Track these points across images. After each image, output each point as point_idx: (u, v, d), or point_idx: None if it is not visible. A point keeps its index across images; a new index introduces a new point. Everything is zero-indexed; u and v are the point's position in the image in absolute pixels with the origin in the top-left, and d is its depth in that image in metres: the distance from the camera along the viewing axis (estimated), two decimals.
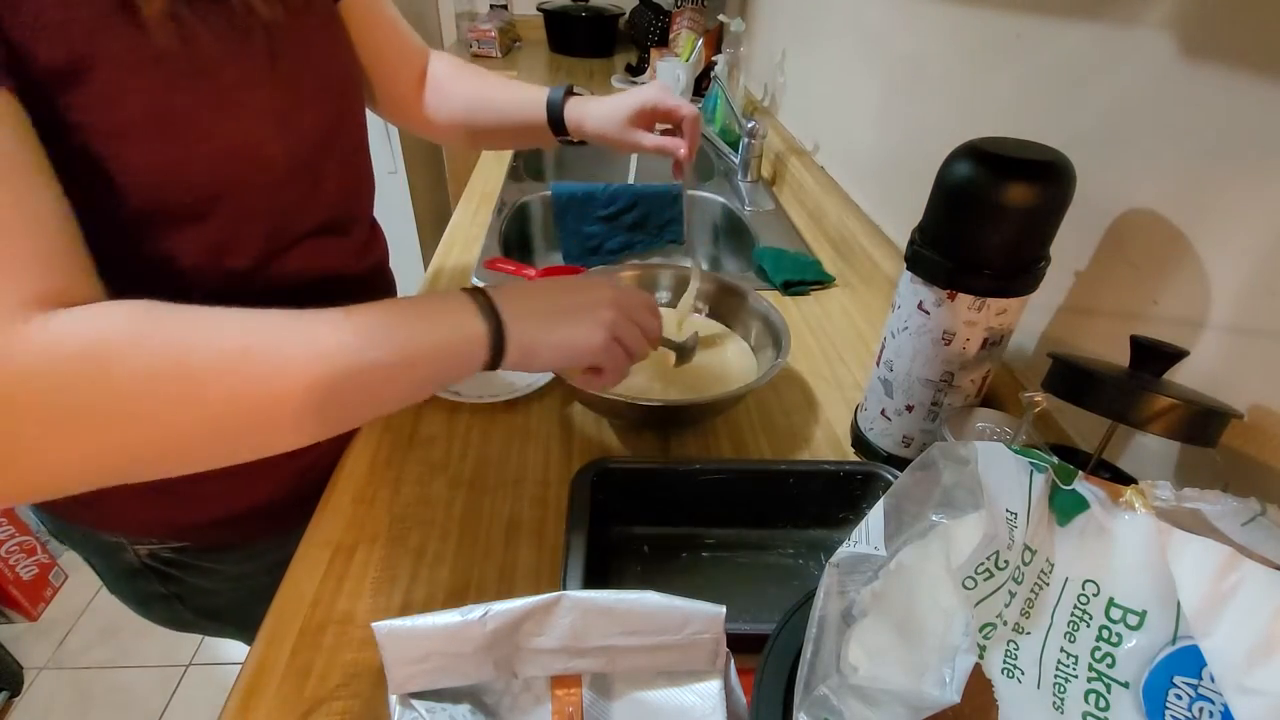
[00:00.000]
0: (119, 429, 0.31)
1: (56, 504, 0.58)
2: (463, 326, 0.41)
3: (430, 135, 0.76)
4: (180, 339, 0.33)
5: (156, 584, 0.62)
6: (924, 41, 0.86)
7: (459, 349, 0.41)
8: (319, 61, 0.51)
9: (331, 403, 0.36)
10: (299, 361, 0.34)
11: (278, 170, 0.48)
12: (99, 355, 0.31)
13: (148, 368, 0.31)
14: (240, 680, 0.45)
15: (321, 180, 0.53)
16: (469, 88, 0.73)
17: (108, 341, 0.31)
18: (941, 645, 0.31)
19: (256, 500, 0.60)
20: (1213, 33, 0.46)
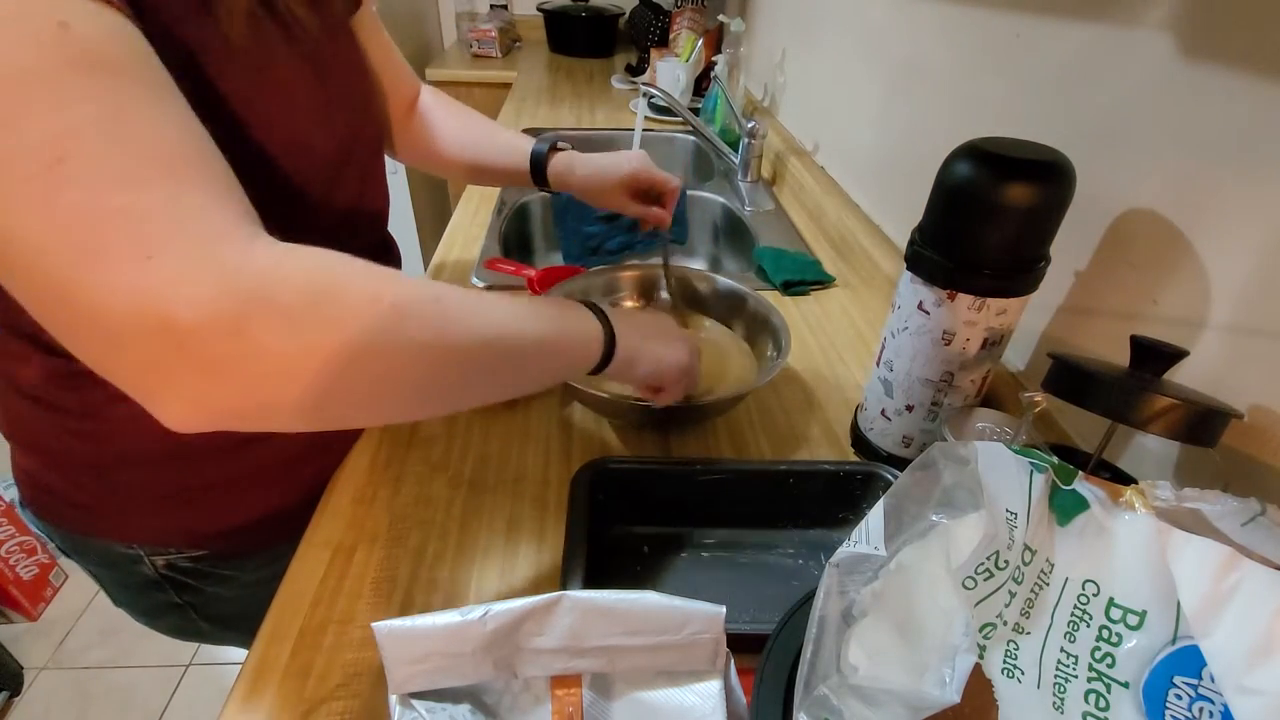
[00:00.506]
0: (341, 345, 0.31)
1: (70, 516, 0.58)
2: (588, 326, 0.46)
3: (414, 162, 0.78)
4: (385, 275, 0.34)
5: (171, 594, 0.62)
6: (924, 41, 0.86)
7: (585, 344, 0.46)
8: (346, 70, 0.53)
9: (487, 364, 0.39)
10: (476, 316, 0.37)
11: (319, 167, 0.50)
12: (330, 273, 0.32)
13: (371, 294, 0.32)
14: (240, 680, 0.45)
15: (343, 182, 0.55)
16: (456, 125, 0.76)
17: (334, 267, 0.33)
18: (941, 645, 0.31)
19: (278, 505, 0.60)
20: (1213, 33, 0.46)
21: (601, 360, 0.47)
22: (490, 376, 0.40)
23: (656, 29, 1.88)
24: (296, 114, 0.47)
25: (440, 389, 0.38)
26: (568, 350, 0.45)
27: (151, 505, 0.56)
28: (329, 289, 0.32)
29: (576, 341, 0.45)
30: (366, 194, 0.58)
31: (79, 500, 0.56)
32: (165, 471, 0.54)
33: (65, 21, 0.28)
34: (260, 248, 0.31)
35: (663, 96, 1.20)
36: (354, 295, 0.32)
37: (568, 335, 0.44)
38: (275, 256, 0.31)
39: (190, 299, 0.28)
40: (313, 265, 0.32)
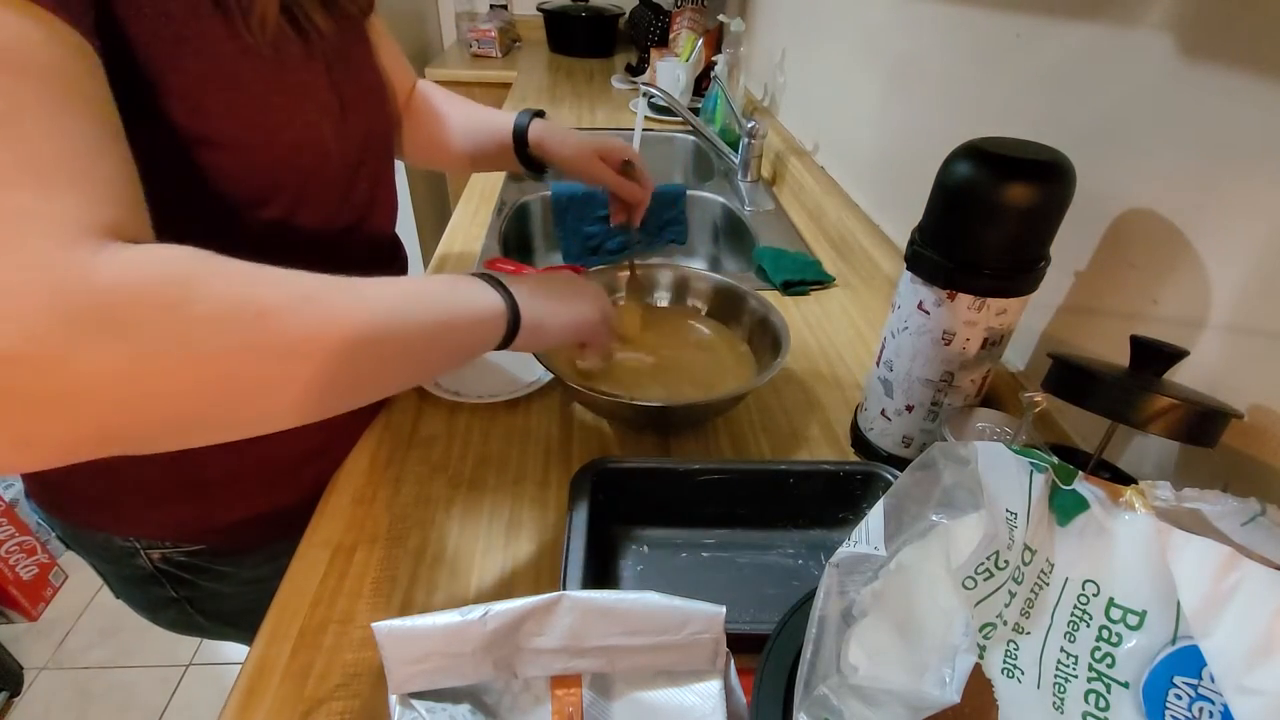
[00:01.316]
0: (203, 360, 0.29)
1: (71, 507, 0.58)
2: (486, 300, 0.44)
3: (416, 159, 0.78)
4: (249, 279, 0.32)
5: (168, 588, 0.62)
6: (924, 41, 0.86)
7: (484, 320, 0.43)
8: (358, 72, 0.54)
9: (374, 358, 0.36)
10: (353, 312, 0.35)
11: (332, 167, 0.50)
12: (180, 282, 0.29)
13: (225, 299, 0.30)
14: (240, 680, 0.45)
15: (357, 181, 0.55)
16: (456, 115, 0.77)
17: (185, 272, 0.30)
18: (941, 645, 0.31)
19: (276, 504, 0.60)
20: (1213, 33, 0.46)
21: (506, 335, 0.45)
22: (382, 371, 0.38)
23: (656, 29, 1.88)
24: (312, 116, 0.47)
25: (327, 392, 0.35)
26: (465, 329, 0.43)
27: (150, 498, 0.56)
28: (181, 301, 0.29)
29: (474, 318, 0.43)
30: (378, 194, 0.59)
31: (80, 490, 0.56)
32: (165, 466, 0.54)
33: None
34: (108, 258, 0.28)
35: (663, 96, 1.20)
36: (211, 306, 0.29)
37: (461, 314, 0.42)
38: (123, 267, 0.28)
39: (12, 323, 0.25)
40: (165, 274, 0.29)
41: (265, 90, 0.43)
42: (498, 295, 0.44)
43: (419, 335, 0.39)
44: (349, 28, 0.52)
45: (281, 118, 0.45)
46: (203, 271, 0.30)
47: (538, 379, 0.71)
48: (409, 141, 0.76)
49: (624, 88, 1.88)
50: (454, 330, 0.42)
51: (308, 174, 0.48)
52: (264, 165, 0.45)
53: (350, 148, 0.52)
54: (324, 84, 0.48)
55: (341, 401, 0.36)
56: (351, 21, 0.53)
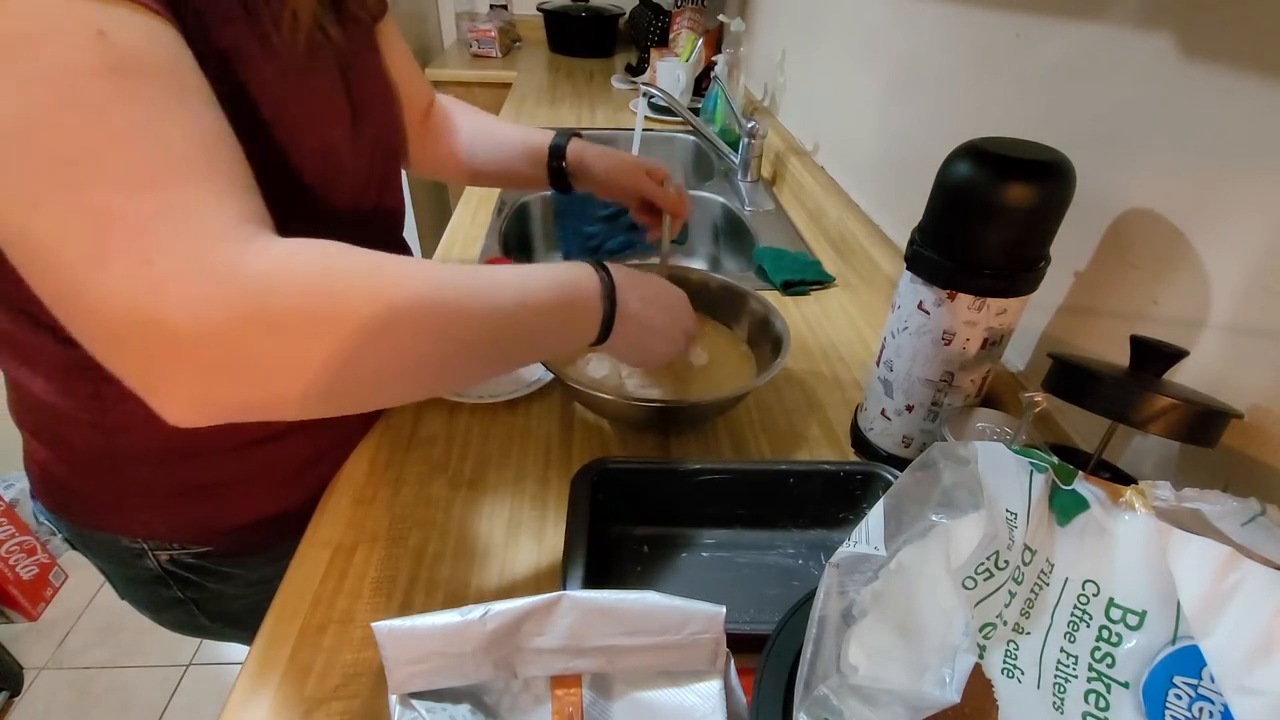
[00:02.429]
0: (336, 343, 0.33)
1: (78, 508, 0.58)
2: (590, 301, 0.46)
3: (429, 172, 0.79)
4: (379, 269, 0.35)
5: (175, 589, 0.62)
6: (924, 41, 0.86)
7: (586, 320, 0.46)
8: (369, 80, 0.54)
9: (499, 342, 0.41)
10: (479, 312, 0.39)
11: (347, 174, 0.51)
12: (320, 272, 0.33)
13: (366, 292, 0.33)
14: (240, 680, 0.45)
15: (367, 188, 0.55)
16: (470, 120, 0.78)
17: (325, 263, 0.33)
18: (941, 645, 0.31)
19: (283, 506, 0.60)
20: (1213, 33, 0.46)
21: (599, 336, 0.48)
22: (492, 359, 0.42)
23: (656, 29, 1.88)
24: (327, 121, 0.48)
25: (440, 376, 0.39)
26: (568, 327, 0.46)
27: (159, 500, 0.56)
28: (324, 292, 0.32)
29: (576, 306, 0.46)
30: (385, 199, 0.59)
31: (87, 492, 0.56)
32: (175, 467, 0.55)
33: (103, 30, 0.30)
34: (257, 251, 0.32)
35: (663, 96, 1.20)
36: (349, 298, 0.33)
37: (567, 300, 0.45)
38: (272, 260, 0.32)
39: (184, 304, 0.29)
40: (310, 265, 0.33)
41: (286, 97, 0.43)
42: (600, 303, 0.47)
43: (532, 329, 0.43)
44: (359, 35, 0.53)
45: (301, 124, 0.45)
46: (343, 265, 0.34)
47: (538, 379, 0.71)
48: (421, 154, 0.76)
49: (624, 88, 1.88)
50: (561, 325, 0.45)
51: (325, 180, 0.49)
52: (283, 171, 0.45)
53: (362, 154, 0.52)
54: (339, 92, 0.48)
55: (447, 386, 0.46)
56: (362, 29, 0.53)
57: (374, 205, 0.57)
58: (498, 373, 0.44)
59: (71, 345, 0.47)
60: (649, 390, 0.66)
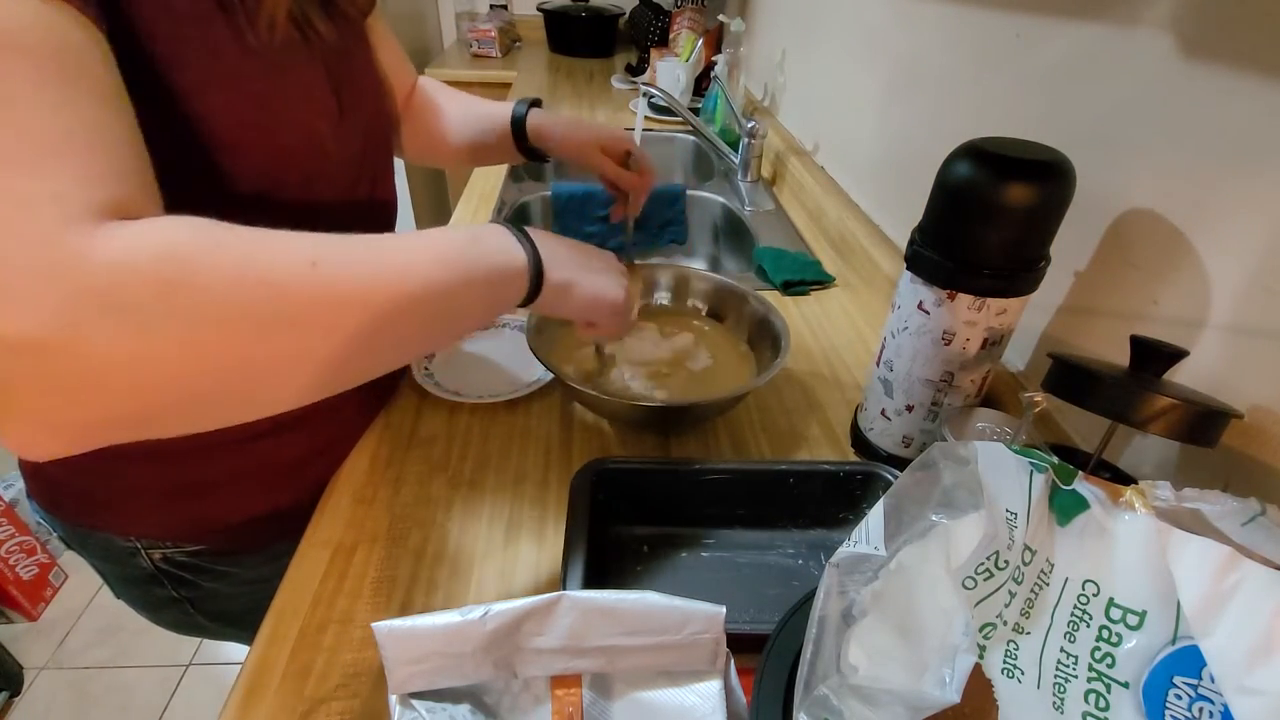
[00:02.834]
0: (209, 336, 0.29)
1: (72, 507, 0.58)
2: (511, 256, 0.42)
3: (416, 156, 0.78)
4: (253, 247, 0.31)
5: (169, 588, 0.62)
6: (924, 41, 0.86)
7: (507, 277, 0.42)
8: (358, 74, 0.53)
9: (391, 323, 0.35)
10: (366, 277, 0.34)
11: (332, 169, 0.50)
12: (180, 258, 0.28)
13: (228, 272, 0.29)
14: (240, 680, 0.45)
15: (357, 183, 0.55)
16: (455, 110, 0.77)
17: (185, 246, 0.29)
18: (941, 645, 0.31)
19: (277, 504, 0.60)
20: (1213, 33, 0.46)
21: (529, 292, 0.44)
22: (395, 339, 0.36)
23: (656, 29, 1.88)
24: (310, 115, 0.47)
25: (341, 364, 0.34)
26: (486, 286, 0.41)
27: (150, 499, 0.56)
28: (180, 277, 0.28)
29: (497, 275, 0.41)
30: (377, 193, 0.58)
31: (81, 490, 0.56)
32: (166, 465, 0.54)
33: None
34: (106, 236, 0.27)
35: (663, 96, 1.20)
36: (211, 279, 0.29)
37: (484, 272, 0.40)
38: (121, 245, 0.27)
39: (18, 307, 0.25)
40: (163, 249, 0.28)
41: (264, 92, 0.43)
42: (522, 250, 0.42)
43: (438, 296, 0.37)
44: (348, 30, 0.52)
45: (279, 120, 0.45)
46: (204, 242, 0.29)
47: (538, 379, 0.71)
48: (408, 138, 0.76)
49: (624, 88, 1.88)
50: (473, 288, 0.39)
51: (308, 176, 0.48)
52: (261, 167, 0.45)
53: (349, 149, 0.52)
54: (323, 86, 0.48)
55: (358, 373, 0.35)
56: (351, 23, 0.53)
57: (366, 198, 0.56)
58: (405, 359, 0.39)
59: None
60: (650, 391, 0.66)
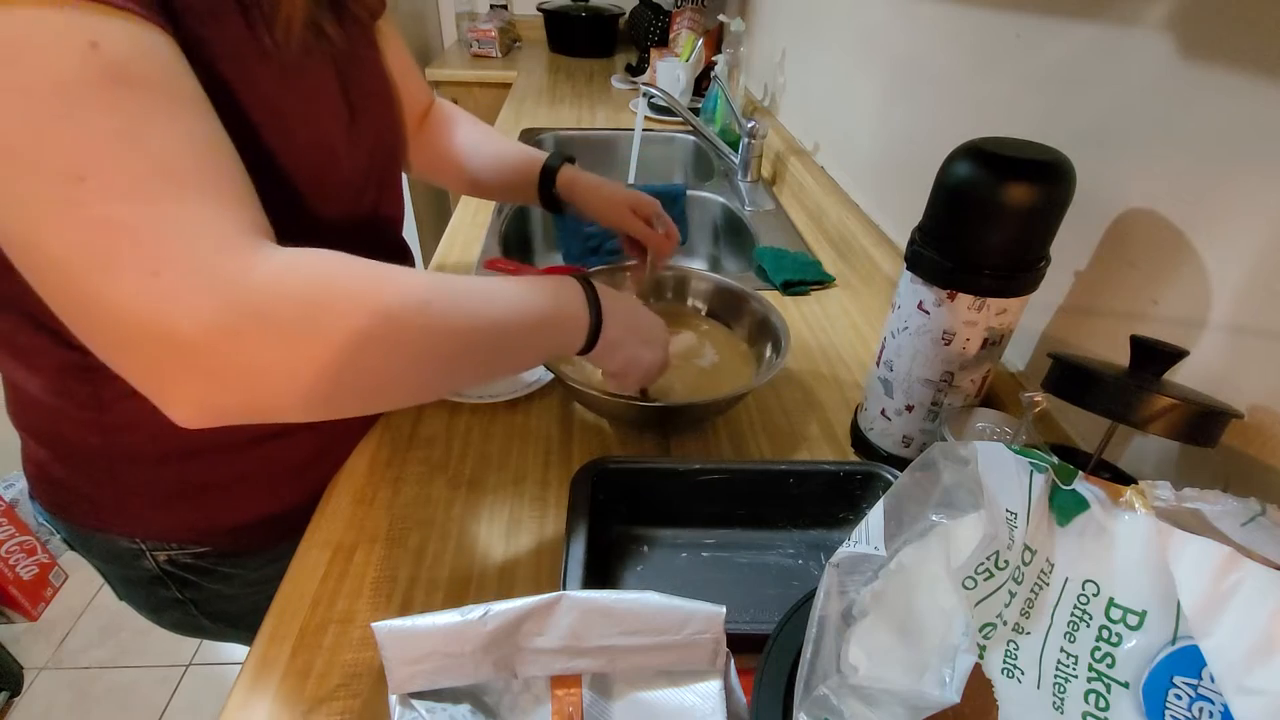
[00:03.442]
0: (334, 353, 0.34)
1: (75, 509, 0.58)
2: (580, 311, 0.48)
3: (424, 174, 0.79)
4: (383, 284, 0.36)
5: (173, 590, 0.62)
6: (924, 41, 0.86)
7: (573, 330, 0.48)
8: (367, 79, 0.54)
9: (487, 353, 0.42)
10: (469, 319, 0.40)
11: (343, 174, 0.51)
12: (325, 286, 0.34)
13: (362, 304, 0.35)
14: (240, 680, 0.45)
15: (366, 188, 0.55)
16: (470, 129, 0.78)
17: (330, 276, 0.35)
18: (941, 645, 0.31)
19: (281, 506, 0.60)
20: (1213, 33, 0.46)
21: (586, 344, 0.49)
22: (480, 366, 0.43)
23: (656, 29, 1.88)
24: (324, 122, 0.48)
25: (431, 382, 0.41)
26: (556, 336, 0.47)
27: (157, 500, 0.56)
28: (322, 300, 0.34)
29: (566, 327, 0.47)
30: (384, 201, 0.59)
31: (85, 492, 0.56)
32: (172, 467, 0.55)
33: (96, 42, 0.30)
34: (261, 260, 0.33)
35: (663, 96, 1.20)
36: (347, 306, 0.34)
37: (557, 321, 0.47)
38: (274, 269, 0.33)
39: (191, 313, 0.30)
40: (309, 277, 0.34)
41: (280, 97, 0.43)
42: (588, 310, 0.48)
43: (520, 339, 0.44)
44: (358, 33, 0.52)
45: (295, 124, 0.45)
46: (344, 274, 0.35)
47: (538, 379, 0.71)
48: (416, 152, 0.76)
49: (624, 88, 1.88)
50: (548, 335, 0.47)
51: (318, 180, 0.48)
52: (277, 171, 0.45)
53: (360, 154, 0.52)
54: (335, 90, 0.48)
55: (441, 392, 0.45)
56: (360, 26, 0.53)
57: (372, 206, 0.56)
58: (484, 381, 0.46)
59: (71, 347, 0.47)
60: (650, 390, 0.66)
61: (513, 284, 0.44)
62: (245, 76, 0.41)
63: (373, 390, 0.38)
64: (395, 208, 0.62)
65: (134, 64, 0.31)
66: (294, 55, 0.43)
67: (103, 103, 0.30)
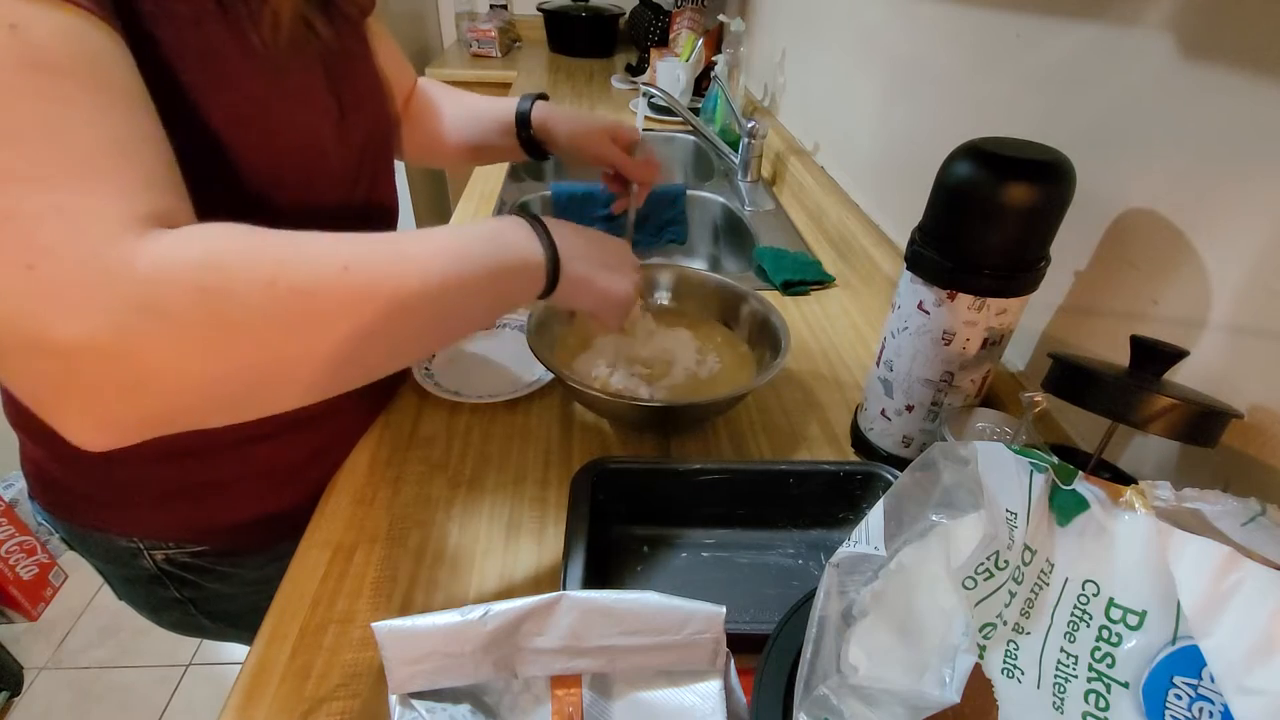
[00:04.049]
0: (244, 340, 0.31)
1: (74, 508, 0.58)
2: (531, 251, 0.44)
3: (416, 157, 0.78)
4: (288, 254, 0.32)
5: (172, 589, 0.62)
6: (924, 41, 0.86)
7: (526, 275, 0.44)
8: (357, 76, 0.53)
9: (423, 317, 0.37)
10: (394, 278, 0.35)
11: (332, 171, 0.50)
12: (217, 267, 0.30)
13: (262, 280, 0.31)
14: (240, 680, 0.45)
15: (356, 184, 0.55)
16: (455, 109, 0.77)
17: (222, 255, 0.31)
18: (941, 645, 0.31)
19: (280, 505, 0.60)
20: (1213, 33, 0.46)
21: (546, 287, 0.45)
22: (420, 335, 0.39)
23: (656, 29, 1.88)
24: (310, 117, 0.47)
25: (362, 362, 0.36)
26: (509, 283, 0.43)
27: (154, 499, 0.56)
28: (217, 284, 0.30)
29: (519, 271, 0.43)
30: (376, 195, 0.58)
31: (83, 491, 0.56)
32: (169, 466, 0.54)
33: (15, 24, 0.28)
34: (147, 247, 0.29)
35: (663, 96, 1.20)
36: (245, 285, 0.30)
37: (505, 267, 0.42)
38: (159, 254, 0.29)
39: (68, 313, 0.27)
40: (201, 258, 0.30)
41: (265, 95, 0.43)
42: (540, 246, 0.44)
43: (460, 292, 0.39)
44: (347, 30, 0.52)
45: (280, 122, 0.45)
46: (240, 250, 0.31)
47: (538, 379, 0.71)
48: (408, 140, 0.75)
49: (624, 88, 1.88)
50: (495, 282, 0.41)
51: (308, 178, 0.48)
52: (261, 169, 0.45)
53: (350, 151, 0.52)
54: (322, 88, 0.48)
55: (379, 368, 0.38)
56: (350, 24, 0.53)
57: (364, 201, 0.56)
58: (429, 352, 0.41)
59: None
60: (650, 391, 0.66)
61: (446, 233, 0.39)
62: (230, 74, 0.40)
63: (293, 380, 0.33)
64: (389, 201, 0.62)
65: (53, 50, 0.29)
66: (281, 54, 0.43)
67: (10, 85, 0.28)
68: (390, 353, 0.38)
